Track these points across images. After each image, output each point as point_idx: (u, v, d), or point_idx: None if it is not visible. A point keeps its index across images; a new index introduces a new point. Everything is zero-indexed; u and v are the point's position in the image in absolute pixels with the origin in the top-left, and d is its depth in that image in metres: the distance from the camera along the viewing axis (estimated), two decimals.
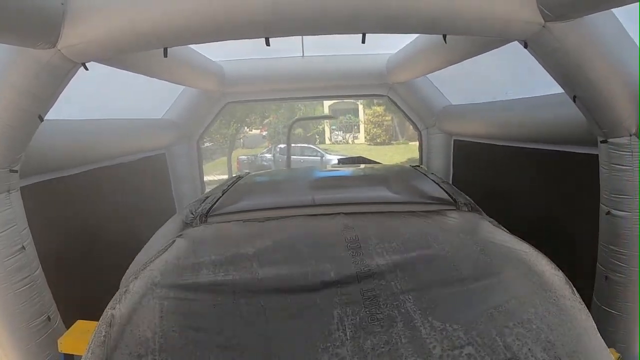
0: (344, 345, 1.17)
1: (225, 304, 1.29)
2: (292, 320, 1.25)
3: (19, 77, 1.75)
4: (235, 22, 1.69)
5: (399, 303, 1.28)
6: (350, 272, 1.38)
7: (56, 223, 2.66)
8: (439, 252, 1.48)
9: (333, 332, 1.21)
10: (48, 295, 2.27)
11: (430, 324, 1.21)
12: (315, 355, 1.16)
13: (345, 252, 1.47)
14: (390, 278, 1.36)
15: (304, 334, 1.21)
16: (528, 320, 1.21)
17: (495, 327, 1.18)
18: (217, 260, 1.47)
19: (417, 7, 1.71)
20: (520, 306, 1.26)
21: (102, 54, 1.84)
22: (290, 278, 1.38)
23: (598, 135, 2.12)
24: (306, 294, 1.32)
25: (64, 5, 1.63)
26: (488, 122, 3.72)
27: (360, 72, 4.44)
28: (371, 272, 1.38)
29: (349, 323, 1.22)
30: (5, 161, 1.93)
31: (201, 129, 4.97)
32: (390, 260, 1.43)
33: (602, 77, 1.87)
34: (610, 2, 1.54)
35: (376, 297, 1.30)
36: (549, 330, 1.19)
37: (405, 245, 1.51)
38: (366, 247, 1.49)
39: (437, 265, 1.43)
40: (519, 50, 2.02)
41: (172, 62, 2.11)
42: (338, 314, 1.25)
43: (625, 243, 2.12)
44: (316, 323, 1.23)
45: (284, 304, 1.28)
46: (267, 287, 1.34)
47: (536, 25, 1.75)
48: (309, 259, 1.45)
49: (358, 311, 1.26)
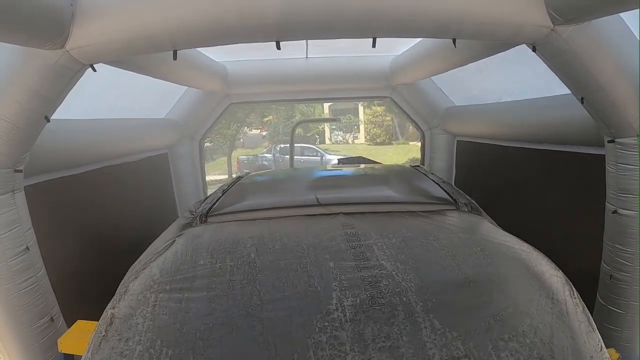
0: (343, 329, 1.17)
1: (224, 304, 1.29)
2: (291, 321, 1.23)
3: (27, 77, 1.75)
4: (247, 25, 1.69)
5: (400, 299, 1.26)
6: (353, 274, 1.37)
7: (58, 223, 2.66)
8: (439, 252, 1.48)
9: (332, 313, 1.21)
10: (51, 296, 2.27)
11: (431, 322, 1.19)
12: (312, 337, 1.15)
13: (346, 253, 1.46)
14: (391, 276, 1.34)
15: (302, 335, 1.19)
16: (523, 333, 1.19)
17: (491, 339, 1.17)
18: (217, 260, 1.46)
19: (428, 12, 1.71)
20: (517, 315, 1.24)
21: (110, 56, 1.83)
22: (290, 279, 1.37)
23: (605, 136, 2.13)
24: (306, 294, 1.31)
25: (72, 7, 1.62)
26: (491, 122, 3.73)
27: (364, 74, 4.44)
28: (372, 272, 1.37)
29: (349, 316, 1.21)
30: (10, 161, 1.93)
31: (204, 129, 4.96)
32: (391, 258, 1.42)
33: (610, 79, 1.88)
34: (618, 6, 1.54)
35: (378, 290, 1.29)
36: (542, 345, 1.18)
37: (405, 243, 1.50)
38: (366, 246, 1.49)
39: (437, 265, 1.42)
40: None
41: (176, 63, 2.10)
42: (339, 309, 1.24)
43: (631, 242, 2.13)
44: (316, 322, 1.22)
45: (283, 305, 1.28)
46: (267, 288, 1.34)
47: (545, 29, 1.76)
48: (308, 260, 1.44)
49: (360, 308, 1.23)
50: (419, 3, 1.69)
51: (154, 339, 1.19)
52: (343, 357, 1.11)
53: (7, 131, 1.81)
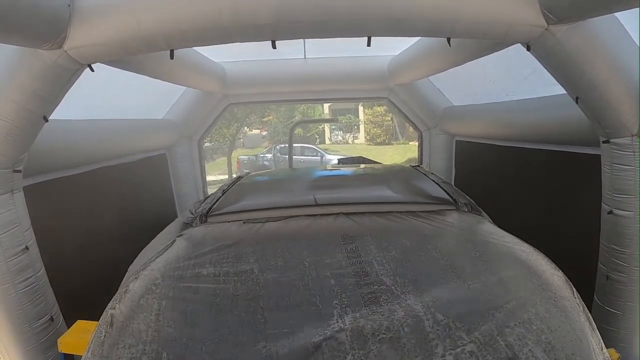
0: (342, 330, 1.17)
1: (224, 304, 1.29)
2: (291, 321, 1.24)
3: (25, 77, 1.75)
4: (242, 24, 1.69)
5: (400, 300, 1.27)
6: (350, 271, 1.37)
7: (58, 223, 2.66)
8: (439, 250, 1.48)
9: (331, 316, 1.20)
10: (51, 296, 2.28)
11: (433, 316, 1.20)
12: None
13: (345, 253, 1.47)
14: (389, 276, 1.35)
15: (301, 331, 1.20)
16: (529, 320, 1.20)
17: (496, 326, 1.18)
18: (216, 260, 1.47)
19: (421, 11, 1.71)
20: (521, 307, 1.25)
21: (108, 56, 1.84)
22: (289, 279, 1.38)
23: (600, 136, 2.13)
24: (306, 295, 1.32)
25: (70, 7, 1.63)
26: (490, 122, 3.73)
27: (362, 75, 4.44)
28: (371, 270, 1.37)
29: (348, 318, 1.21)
30: (9, 161, 1.94)
31: (202, 130, 4.97)
32: (389, 256, 1.42)
33: (604, 79, 1.88)
34: (612, 5, 1.55)
35: (375, 294, 1.29)
36: (549, 332, 1.19)
37: (405, 241, 1.51)
38: (365, 246, 1.49)
39: (437, 262, 1.43)
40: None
41: (174, 63, 2.11)
42: (338, 313, 1.25)
43: (627, 242, 2.13)
44: (315, 320, 1.23)
45: (283, 305, 1.28)
46: (266, 288, 1.34)
47: (539, 29, 1.76)
48: (308, 260, 1.45)
49: (358, 309, 1.25)
50: (412, 2, 1.69)
51: (154, 342, 1.19)
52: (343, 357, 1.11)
53: (5, 131, 1.82)
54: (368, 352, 1.11)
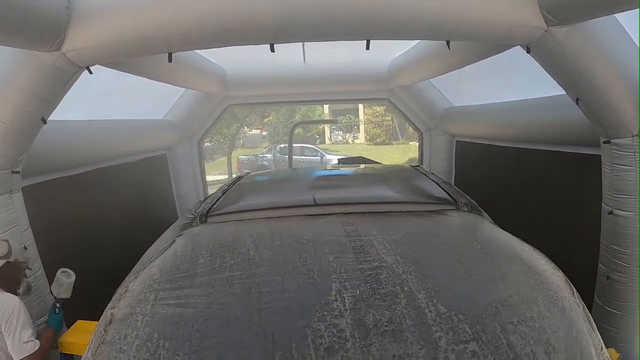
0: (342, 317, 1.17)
1: (222, 298, 1.29)
2: (290, 312, 1.24)
3: (23, 79, 1.76)
4: (242, 28, 1.70)
5: (401, 282, 1.27)
6: (354, 267, 1.37)
7: (57, 223, 2.67)
8: (440, 248, 1.48)
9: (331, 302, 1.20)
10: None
11: (435, 307, 1.19)
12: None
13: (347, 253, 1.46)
14: (392, 269, 1.34)
15: (300, 324, 1.19)
16: (530, 318, 1.19)
17: (499, 322, 1.17)
18: (216, 260, 1.47)
19: (422, 14, 1.72)
20: (523, 303, 1.25)
21: (106, 58, 1.84)
22: (289, 279, 1.37)
23: (601, 136, 2.13)
24: (306, 295, 1.32)
25: (69, 10, 1.63)
26: (490, 123, 3.73)
27: (362, 76, 4.45)
28: (373, 267, 1.37)
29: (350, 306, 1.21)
30: (7, 162, 1.94)
31: (202, 130, 4.97)
32: (392, 252, 1.42)
33: (604, 80, 1.88)
34: (611, 7, 1.54)
35: (378, 278, 1.29)
36: (550, 332, 1.19)
37: (405, 239, 1.51)
38: (367, 245, 1.49)
39: (438, 260, 1.42)
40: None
41: (174, 65, 2.11)
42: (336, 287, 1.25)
43: (627, 243, 2.13)
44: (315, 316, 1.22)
45: (283, 305, 1.28)
46: (266, 288, 1.34)
47: (539, 30, 1.76)
48: (308, 260, 1.45)
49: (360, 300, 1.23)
50: (412, 5, 1.69)
51: (152, 332, 1.19)
52: (343, 344, 1.11)
53: (4, 133, 1.82)
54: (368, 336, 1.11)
